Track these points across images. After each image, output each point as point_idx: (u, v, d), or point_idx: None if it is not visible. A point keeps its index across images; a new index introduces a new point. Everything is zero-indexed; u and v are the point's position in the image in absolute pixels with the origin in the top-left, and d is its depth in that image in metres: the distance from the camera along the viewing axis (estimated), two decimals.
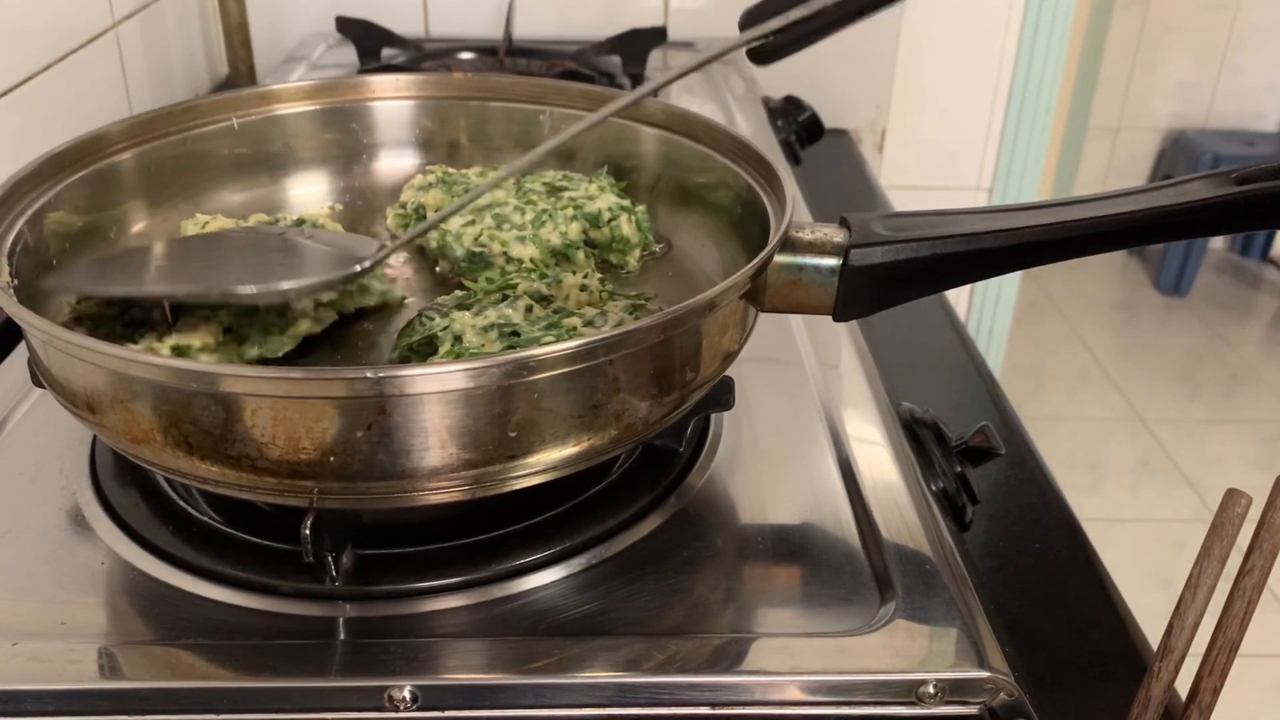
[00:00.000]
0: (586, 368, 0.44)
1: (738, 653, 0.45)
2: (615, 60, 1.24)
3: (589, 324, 0.54)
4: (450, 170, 0.72)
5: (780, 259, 0.52)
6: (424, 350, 0.55)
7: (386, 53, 1.26)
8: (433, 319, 0.56)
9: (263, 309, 0.55)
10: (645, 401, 0.47)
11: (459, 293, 0.60)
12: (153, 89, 1.14)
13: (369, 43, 1.25)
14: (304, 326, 0.56)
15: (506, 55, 1.22)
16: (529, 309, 0.56)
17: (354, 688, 0.43)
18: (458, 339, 0.54)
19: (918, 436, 0.62)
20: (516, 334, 0.54)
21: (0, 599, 0.48)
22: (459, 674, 0.44)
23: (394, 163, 0.74)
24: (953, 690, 0.43)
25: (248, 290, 0.52)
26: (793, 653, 0.45)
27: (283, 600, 0.48)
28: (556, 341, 0.50)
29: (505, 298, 0.57)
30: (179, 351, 0.52)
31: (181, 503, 0.53)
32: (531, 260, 0.64)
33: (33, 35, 0.89)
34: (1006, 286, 1.59)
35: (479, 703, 0.43)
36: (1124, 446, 2.39)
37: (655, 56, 1.26)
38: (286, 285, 0.53)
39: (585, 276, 0.59)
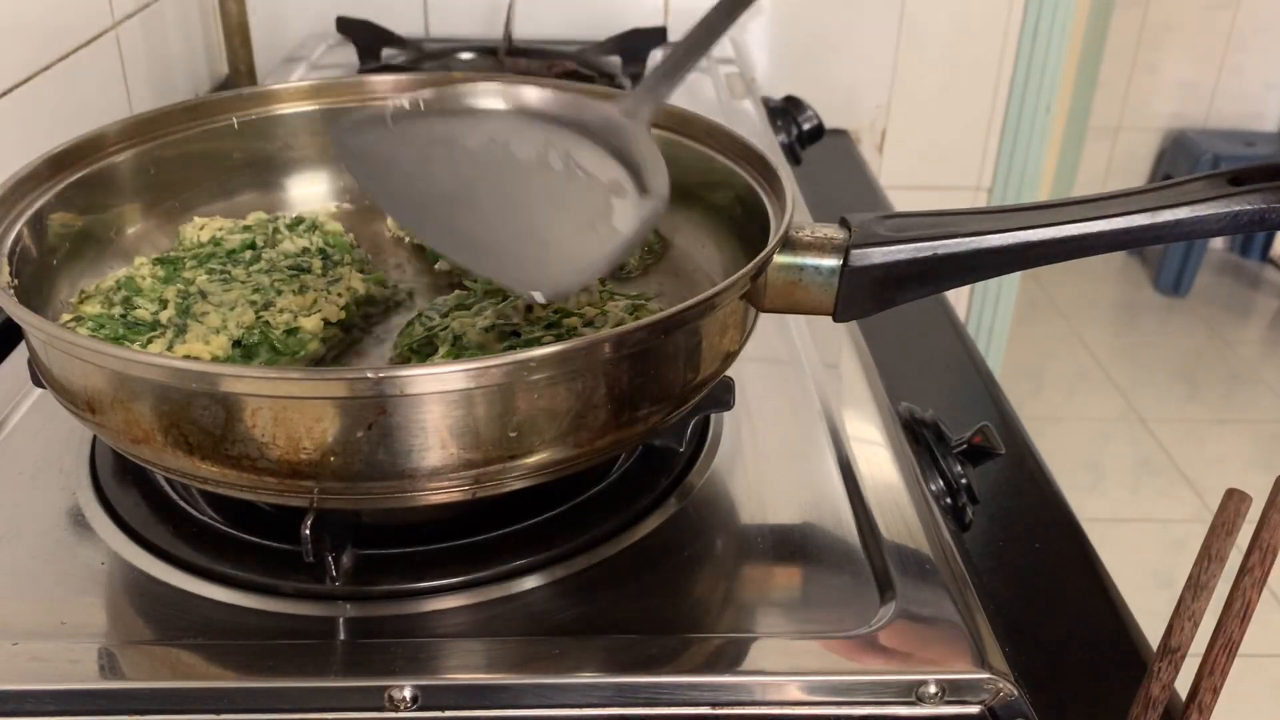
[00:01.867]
0: (587, 368, 0.44)
1: (738, 653, 0.45)
2: (615, 60, 1.24)
3: (589, 324, 0.54)
4: None
5: (780, 259, 0.52)
6: (424, 350, 0.55)
7: (386, 53, 1.26)
8: (433, 319, 0.56)
9: (277, 333, 0.55)
10: (645, 401, 0.47)
11: (459, 292, 0.60)
12: (153, 89, 1.14)
13: (369, 43, 1.25)
14: (313, 347, 0.56)
15: (506, 55, 1.22)
16: (529, 309, 0.56)
17: (354, 688, 0.43)
18: (458, 339, 0.54)
19: (918, 436, 0.62)
20: (516, 334, 0.54)
21: (0, 599, 0.48)
22: (459, 674, 0.44)
23: None
24: (953, 690, 0.43)
25: (535, 296, 0.47)
26: (793, 653, 0.45)
27: (283, 600, 0.48)
28: (556, 341, 0.50)
29: (505, 298, 0.57)
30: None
31: (181, 503, 0.53)
32: None
33: (33, 35, 0.89)
34: (1006, 286, 1.59)
35: (479, 703, 0.43)
36: (1124, 446, 2.39)
37: (655, 56, 1.26)
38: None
39: None
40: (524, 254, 0.50)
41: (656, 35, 1.24)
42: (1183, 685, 0.44)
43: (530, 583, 0.49)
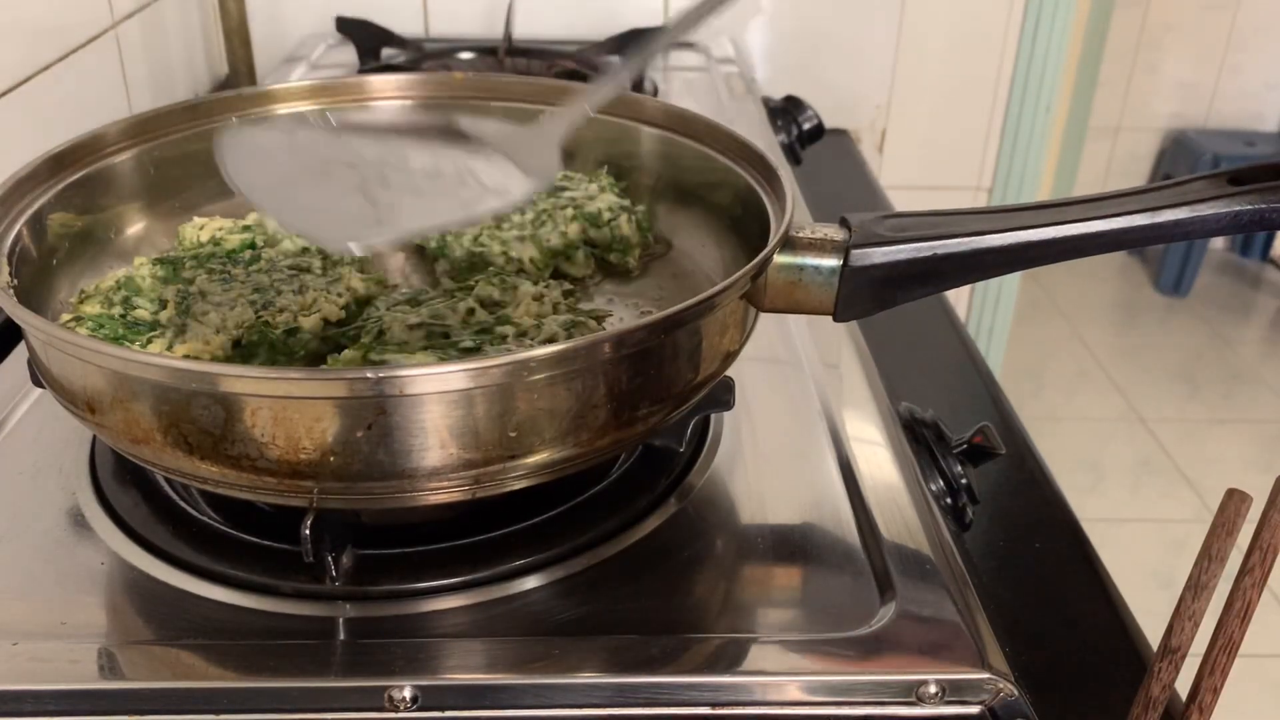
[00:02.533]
0: (586, 368, 0.44)
1: (738, 653, 0.45)
2: (615, 60, 1.24)
3: (522, 334, 0.54)
4: None
5: (780, 259, 0.52)
6: (353, 337, 0.54)
7: (386, 53, 1.26)
8: (377, 309, 0.56)
9: (277, 333, 0.55)
10: (645, 401, 0.47)
11: (419, 289, 0.60)
12: (153, 89, 1.14)
13: (369, 43, 1.25)
14: (313, 346, 0.56)
15: (506, 55, 1.22)
16: (471, 311, 0.55)
17: (354, 688, 0.43)
18: (381, 333, 0.53)
19: (918, 436, 0.62)
20: (446, 335, 0.53)
21: (0, 599, 0.48)
22: (459, 674, 0.44)
23: None
24: (953, 690, 0.43)
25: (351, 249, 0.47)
26: (793, 652, 0.45)
27: (283, 600, 0.48)
28: (550, 343, 0.50)
29: (454, 296, 0.57)
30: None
31: (181, 503, 0.53)
32: (531, 260, 0.64)
33: (33, 35, 0.89)
34: (1006, 286, 1.59)
35: (479, 703, 0.43)
36: (1124, 446, 2.39)
37: (654, 56, 1.26)
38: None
39: (545, 287, 0.58)
40: (363, 220, 0.49)
41: (656, 35, 1.24)
42: (1183, 685, 0.44)
43: (530, 583, 0.49)
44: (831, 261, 0.51)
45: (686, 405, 0.51)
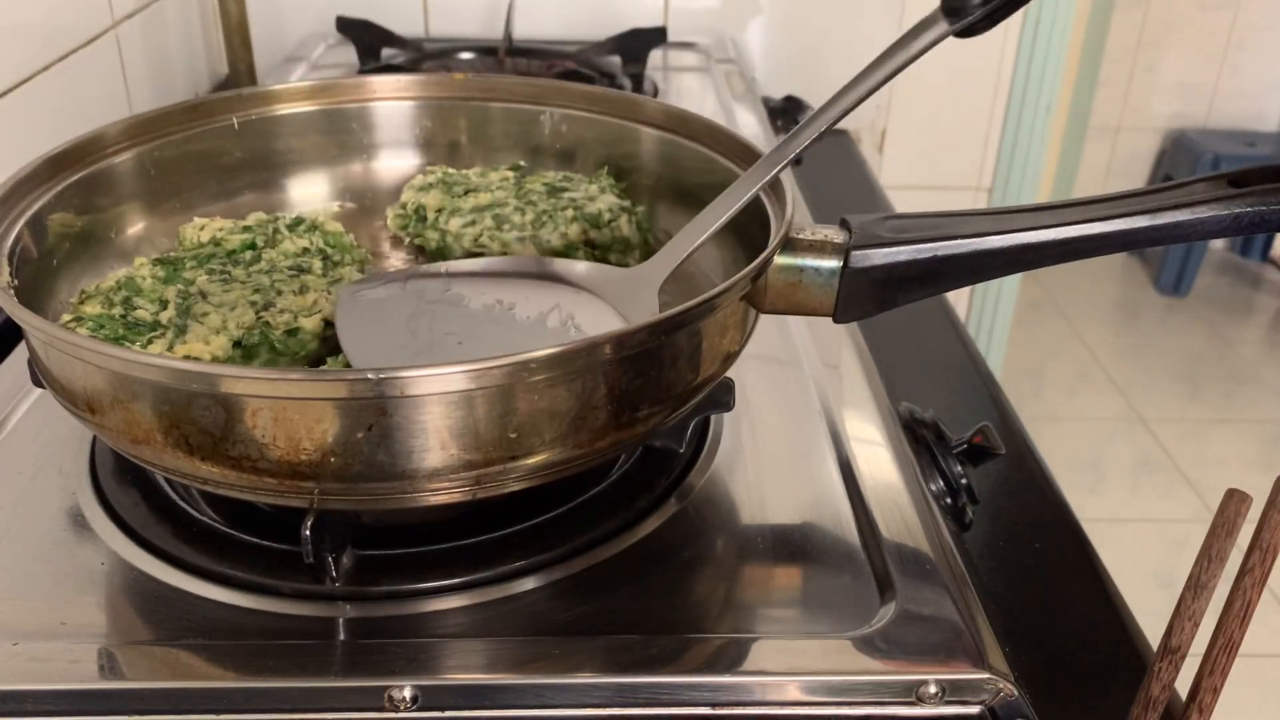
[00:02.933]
0: (587, 369, 0.44)
1: (738, 653, 0.45)
2: (615, 60, 1.24)
3: None
4: (451, 170, 0.72)
5: (780, 260, 0.52)
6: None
7: (386, 53, 1.26)
8: None
9: (277, 333, 0.55)
10: (645, 403, 0.47)
11: None
12: (153, 89, 1.14)
13: (369, 43, 1.25)
14: (313, 347, 0.56)
15: (506, 55, 1.22)
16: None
17: (354, 688, 0.43)
18: None
19: (918, 436, 0.62)
20: None
21: (0, 599, 0.48)
22: (459, 674, 0.44)
23: (394, 163, 0.74)
24: (953, 690, 0.43)
25: None
26: (793, 653, 0.45)
27: (283, 600, 0.48)
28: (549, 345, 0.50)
29: None
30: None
31: (181, 503, 0.53)
32: None
33: (32, 35, 0.89)
34: (1006, 286, 1.59)
35: (479, 703, 0.43)
36: (1124, 446, 2.39)
37: (655, 56, 1.26)
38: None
39: None
40: None
41: (656, 35, 1.24)
42: (1183, 685, 0.44)
43: (530, 583, 0.49)
44: (831, 263, 0.51)
45: (687, 406, 0.51)
